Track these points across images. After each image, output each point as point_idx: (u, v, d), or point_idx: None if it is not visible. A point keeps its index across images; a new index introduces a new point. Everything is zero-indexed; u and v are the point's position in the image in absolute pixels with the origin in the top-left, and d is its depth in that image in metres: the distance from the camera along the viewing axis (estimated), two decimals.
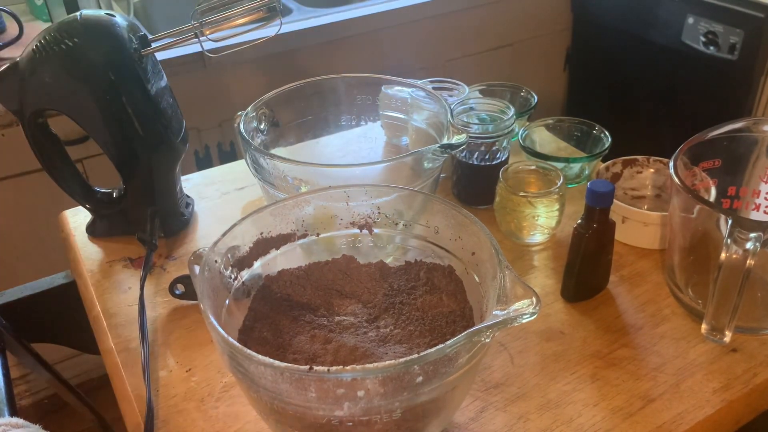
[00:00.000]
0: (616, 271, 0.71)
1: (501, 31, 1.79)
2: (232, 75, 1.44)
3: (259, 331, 0.54)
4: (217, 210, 0.85)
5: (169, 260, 0.76)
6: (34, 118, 0.71)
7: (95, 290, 0.72)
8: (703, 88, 1.63)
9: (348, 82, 0.82)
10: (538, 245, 0.76)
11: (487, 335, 0.44)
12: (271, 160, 0.66)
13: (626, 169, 0.80)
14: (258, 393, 0.45)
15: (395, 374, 0.42)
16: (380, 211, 0.60)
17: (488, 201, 0.79)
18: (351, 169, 0.64)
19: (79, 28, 0.67)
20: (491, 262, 0.50)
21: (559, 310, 0.67)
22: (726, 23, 1.49)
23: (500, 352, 0.63)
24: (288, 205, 0.59)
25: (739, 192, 0.68)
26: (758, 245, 0.54)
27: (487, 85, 0.94)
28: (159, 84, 0.73)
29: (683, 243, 0.65)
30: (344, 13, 1.55)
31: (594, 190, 0.62)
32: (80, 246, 0.79)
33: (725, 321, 0.58)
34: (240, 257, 0.56)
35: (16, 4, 1.53)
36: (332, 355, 0.50)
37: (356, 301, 0.58)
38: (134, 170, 0.74)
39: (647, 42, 1.71)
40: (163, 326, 0.67)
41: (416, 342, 0.52)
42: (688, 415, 0.56)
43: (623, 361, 0.61)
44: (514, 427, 0.56)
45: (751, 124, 0.68)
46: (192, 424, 0.57)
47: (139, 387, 0.60)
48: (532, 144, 0.87)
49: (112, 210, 0.78)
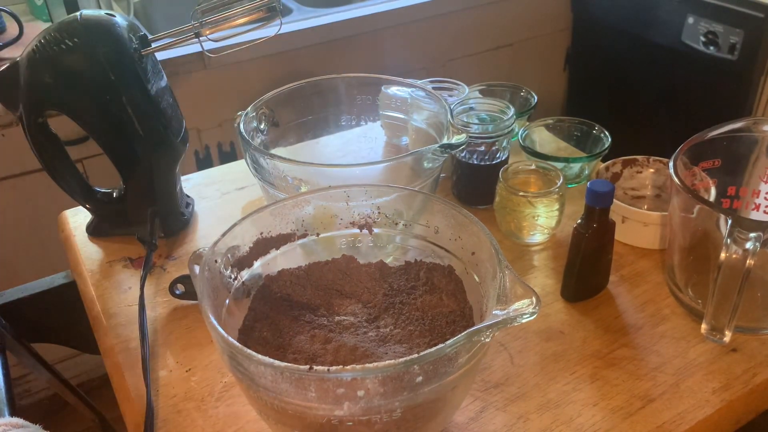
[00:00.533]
0: (615, 271, 0.71)
1: (501, 31, 1.79)
2: (232, 75, 1.44)
3: (259, 331, 0.54)
4: (217, 210, 0.85)
5: (169, 260, 0.76)
6: (34, 118, 0.71)
7: (95, 290, 0.72)
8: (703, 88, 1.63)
9: (348, 82, 0.82)
10: (538, 245, 0.76)
11: (487, 335, 0.44)
12: (271, 160, 0.66)
13: (626, 169, 0.80)
14: (258, 393, 0.45)
15: (395, 374, 0.42)
16: (380, 211, 0.60)
17: (488, 201, 0.79)
18: (351, 169, 0.64)
19: (79, 28, 0.67)
20: (491, 262, 0.50)
21: (558, 309, 0.67)
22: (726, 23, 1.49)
23: (500, 351, 0.63)
24: (288, 205, 0.59)
25: (738, 192, 0.69)
26: (758, 245, 0.54)
27: (487, 85, 0.94)
28: (159, 84, 0.73)
29: (683, 243, 0.65)
30: (344, 13, 1.55)
31: (594, 190, 0.62)
32: (80, 246, 0.79)
33: (725, 321, 0.58)
34: (240, 257, 0.56)
35: (16, 4, 1.53)
36: (332, 354, 0.50)
37: (356, 301, 0.58)
38: (134, 170, 0.74)
39: (647, 42, 1.71)
40: (163, 326, 0.67)
41: (416, 342, 0.52)
42: (687, 415, 0.56)
43: (623, 360, 0.61)
44: (514, 426, 0.56)
45: (751, 124, 0.68)
46: (192, 424, 0.57)
47: (139, 387, 0.60)
48: (532, 144, 0.87)
49: (112, 210, 0.78)
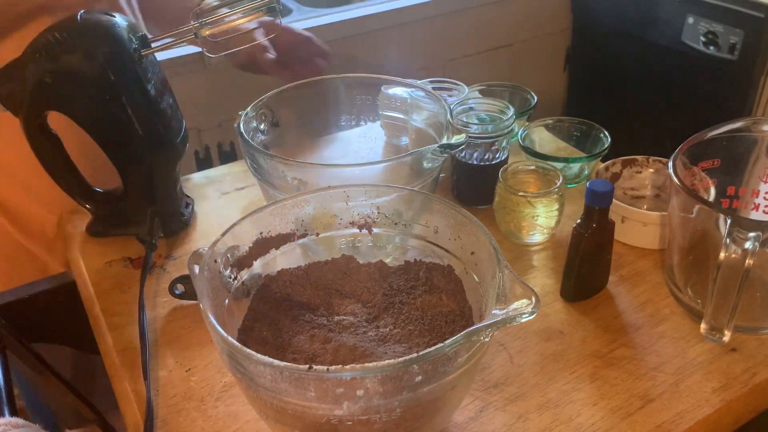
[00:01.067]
0: (615, 271, 0.71)
1: (501, 31, 1.80)
2: (232, 75, 1.43)
3: (259, 331, 0.54)
4: (217, 210, 0.85)
5: (169, 260, 0.76)
6: (34, 118, 0.71)
7: (95, 290, 0.72)
8: (703, 88, 1.63)
9: (348, 82, 0.82)
10: (538, 245, 0.76)
11: (486, 334, 0.44)
12: (271, 160, 0.66)
13: (625, 169, 0.80)
14: (257, 393, 0.45)
15: (394, 373, 0.42)
16: (380, 211, 0.60)
17: (488, 201, 0.79)
18: (351, 169, 0.65)
19: (79, 28, 0.67)
20: (490, 262, 0.50)
21: (558, 309, 0.67)
22: (726, 23, 1.49)
23: (499, 351, 0.63)
24: (287, 205, 0.59)
25: (738, 192, 0.69)
26: (757, 245, 0.54)
27: (487, 85, 0.94)
28: (159, 84, 0.73)
29: (682, 243, 0.65)
30: (344, 13, 1.55)
31: (593, 190, 0.62)
32: (80, 246, 0.79)
33: (724, 320, 0.58)
34: (239, 257, 0.56)
35: None
36: (332, 354, 0.50)
37: (356, 301, 0.58)
38: (134, 170, 0.74)
39: (647, 42, 1.71)
40: (163, 326, 0.67)
41: (416, 341, 0.52)
42: (687, 415, 0.56)
43: (622, 360, 0.61)
44: (514, 426, 0.56)
45: (750, 123, 0.68)
46: (192, 424, 0.57)
47: (138, 387, 0.60)
48: (532, 144, 0.87)
49: (112, 210, 0.78)
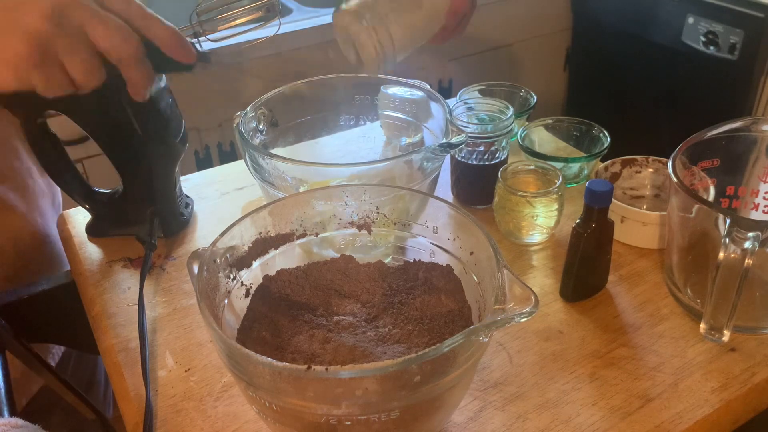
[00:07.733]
0: (614, 271, 0.71)
1: (501, 31, 1.80)
2: (232, 75, 1.44)
3: (258, 331, 0.54)
4: (216, 210, 0.85)
5: (169, 260, 0.76)
6: (34, 118, 0.71)
7: (95, 290, 0.72)
8: (703, 88, 1.63)
9: (347, 82, 0.82)
10: (537, 245, 0.76)
11: (485, 334, 0.44)
12: (270, 160, 0.66)
13: (625, 169, 0.80)
14: (257, 392, 0.45)
15: (393, 373, 0.42)
16: (379, 211, 0.60)
17: (487, 201, 0.79)
18: (350, 168, 0.65)
19: None
20: (489, 262, 0.50)
21: (557, 309, 0.67)
22: (726, 23, 1.50)
23: (499, 351, 0.63)
24: (287, 205, 0.59)
25: (737, 191, 0.69)
26: (756, 245, 0.54)
27: (487, 85, 0.94)
28: (158, 84, 0.73)
29: (682, 242, 0.65)
30: None
31: (592, 190, 0.62)
32: (80, 246, 0.79)
33: (724, 320, 0.58)
34: (239, 257, 0.56)
35: None
36: (331, 354, 0.50)
37: (355, 301, 0.58)
38: (134, 170, 0.74)
39: (647, 42, 1.71)
40: (163, 326, 0.67)
41: (415, 341, 0.52)
42: (686, 415, 0.56)
43: (622, 360, 0.61)
44: (513, 426, 0.56)
45: (750, 123, 0.68)
46: (191, 424, 0.57)
47: (138, 387, 0.60)
48: (531, 144, 0.87)
49: (112, 210, 0.78)
